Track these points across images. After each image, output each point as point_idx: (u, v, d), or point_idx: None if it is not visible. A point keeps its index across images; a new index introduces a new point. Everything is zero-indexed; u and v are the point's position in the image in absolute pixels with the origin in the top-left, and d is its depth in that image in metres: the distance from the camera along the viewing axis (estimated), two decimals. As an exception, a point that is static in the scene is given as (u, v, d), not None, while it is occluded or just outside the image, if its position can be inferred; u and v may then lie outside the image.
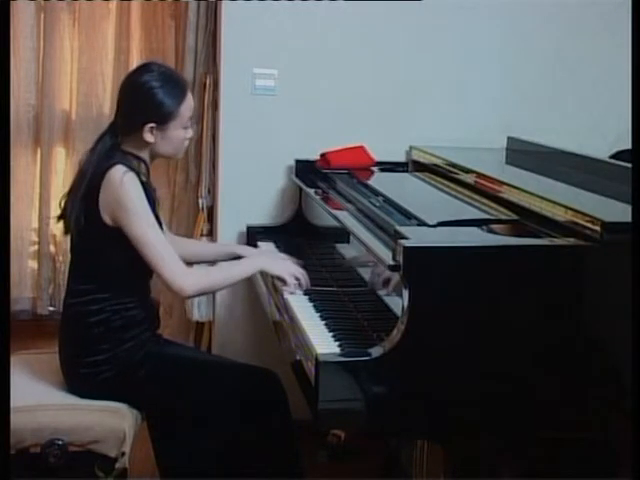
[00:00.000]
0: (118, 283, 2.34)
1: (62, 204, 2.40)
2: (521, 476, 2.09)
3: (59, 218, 2.42)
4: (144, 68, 2.43)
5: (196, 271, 2.53)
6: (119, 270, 2.34)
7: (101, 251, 2.33)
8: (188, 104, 2.40)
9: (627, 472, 1.72)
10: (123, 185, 2.24)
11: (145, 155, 2.40)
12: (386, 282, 2.14)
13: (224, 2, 3.17)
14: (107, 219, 2.28)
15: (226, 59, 3.20)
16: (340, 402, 1.81)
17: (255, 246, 3.04)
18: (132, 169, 2.30)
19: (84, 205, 2.30)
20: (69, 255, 2.46)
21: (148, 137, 2.35)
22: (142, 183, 2.32)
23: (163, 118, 2.35)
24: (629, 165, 2.21)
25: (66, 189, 2.43)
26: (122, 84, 2.43)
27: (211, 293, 3.19)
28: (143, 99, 2.35)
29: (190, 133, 2.45)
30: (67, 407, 2.29)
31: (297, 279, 2.44)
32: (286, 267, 2.48)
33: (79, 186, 2.32)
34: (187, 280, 2.30)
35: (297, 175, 3.14)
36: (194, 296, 2.71)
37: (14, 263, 4.06)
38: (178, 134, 2.39)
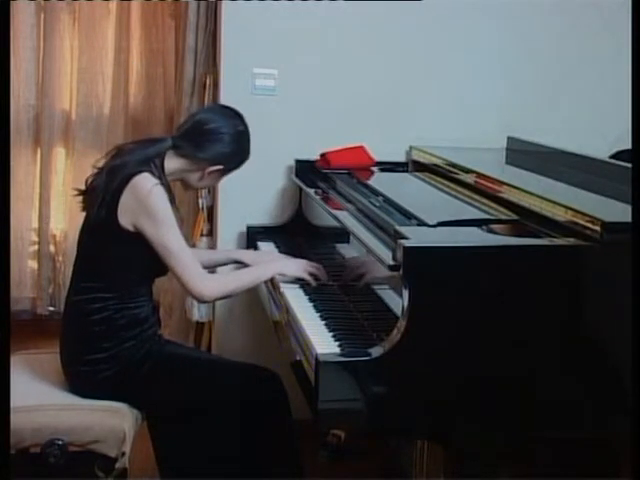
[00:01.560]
0: (124, 284, 2.34)
1: (88, 181, 2.40)
2: (521, 476, 2.09)
3: (82, 193, 2.41)
4: (240, 116, 2.51)
5: (216, 277, 2.59)
6: (126, 271, 2.34)
7: (111, 251, 2.33)
8: None
9: (627, 472, 1.72)
10: (151, 195, 2.26)
11: (175, 176, 2.44)
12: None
13: (224, 2, 3.17)
14: (125, 223, 2.28)
15: (226, 59, 3.20)
16: (340, 402, 1.81)
17: (255, 246, 3.05)
18: (157, 177, 2.32)
19: (105, 204, 2.29)
20: (73, 253, 2.45)
21: (205, 174, 2.43)
22: (165, 189, 2.34)
23: (228, 169, 2.48)
24: (629, 165, 2.21)
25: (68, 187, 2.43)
26: (215, 119, 2.45)
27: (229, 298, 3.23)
28: (224, 143, 2.43)
29: None
30: (67, 407, 2.29)
31: (313, 275, 2.48)
32: (301, 266, 2.51)
33: (114, 177, 2.30)
34: (207, 286, 2.35)
35: (297, 175, 3.14)
36: (213, 301, 2.93)
37: (14, 263, 4.06)
38: (220, 179, 2.54)
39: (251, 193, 3.23)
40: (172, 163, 2.41)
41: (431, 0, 3.24)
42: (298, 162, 3.14)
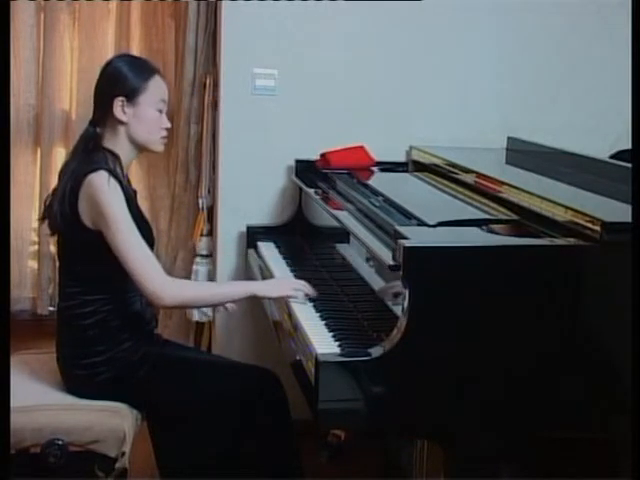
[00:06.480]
0: (108, 283, 2.32)
1: (46, 203, 2.39)
2: (521, 476, 2.09)
3: (42, 219, 2.40)
4: (116, 56, 2.54)
5: (179, 282, 2.48)
6: (107, 271, 2.30)
7: (86, 253, 2.31)
8: (157, 83, 2.40)
9: (627, 472, 1.72)
10: (105, 193, 2.21)
11: (124, 148, 2.37)
12: (396, 295, 2.13)
13: (224, 2, 3.17)
14: (88, 223, 2.26)
15: (226, 59, 3.20)
16: (340, 402, 1.81)
17: (255, 246, 3.05)
18: (113, 174, 2.27)
19: (65, 207, 2.27)
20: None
21: (119, 113, 2.34)
22: (122, 185, 2.29)
23: (131, 91, 2.35)
24: (629, 165, 2.21)
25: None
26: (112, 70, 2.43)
27: (194, 308, 3.19)
28: (111, 76, 2.39)
29: (166, 122, 2.43)
30: (67, 407, 2.29)
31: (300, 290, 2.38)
32: (285, 286, 2.39)
33: (64, 186, 2.30)
34: (166, 290, 2.22)
35: (297, 175, 3.14)
36: (174, 307, 2.77)
37: (14, 263, 4.06)
38: (150, 114, 2.38)
39: (251, 193, 3.24)
40: (106, 139, 2.37)
41: (431, 0, 3.24)
42: (298, 162, 3.15)
